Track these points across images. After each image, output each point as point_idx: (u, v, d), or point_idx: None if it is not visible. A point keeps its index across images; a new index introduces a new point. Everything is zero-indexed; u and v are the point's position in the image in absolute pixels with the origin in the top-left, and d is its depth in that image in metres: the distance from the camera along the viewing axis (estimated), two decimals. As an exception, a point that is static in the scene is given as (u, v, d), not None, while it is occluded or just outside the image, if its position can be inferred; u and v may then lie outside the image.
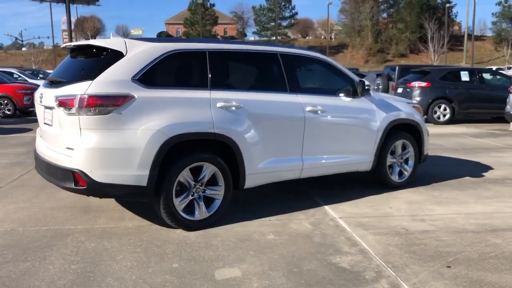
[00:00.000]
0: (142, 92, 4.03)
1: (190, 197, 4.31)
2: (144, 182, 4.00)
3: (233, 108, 4.45)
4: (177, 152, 4.18)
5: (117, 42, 4.18)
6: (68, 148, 4.04)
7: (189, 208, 4.33)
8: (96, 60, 4.17)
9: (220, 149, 4.42)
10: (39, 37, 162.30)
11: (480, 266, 3.56)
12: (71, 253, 3.79)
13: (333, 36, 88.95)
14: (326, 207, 5.10)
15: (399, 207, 5.13)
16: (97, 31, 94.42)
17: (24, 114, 15.97)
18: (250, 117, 4.54)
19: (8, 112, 15.30)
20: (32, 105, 15.68)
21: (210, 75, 4.43)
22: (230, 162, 4.49)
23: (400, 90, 14.65)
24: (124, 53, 4.10)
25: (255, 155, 4.59)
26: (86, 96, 3.85)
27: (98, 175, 3.90)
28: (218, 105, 4.36)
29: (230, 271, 3.48)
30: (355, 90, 5.36)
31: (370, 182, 5.97)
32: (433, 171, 6.87)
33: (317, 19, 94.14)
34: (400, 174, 5.98)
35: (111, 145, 3.91)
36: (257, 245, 3.98)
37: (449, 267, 3.56)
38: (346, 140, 5.34)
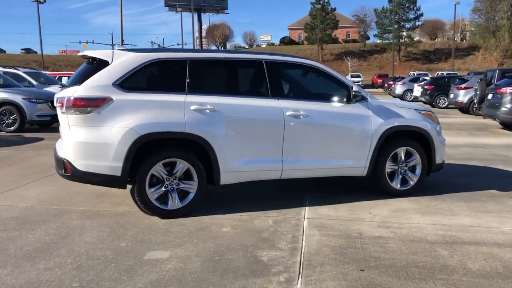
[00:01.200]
0: (121, 95, 4.69)
1: (163, 189, 4.86)
2: (118, 173, 4.65)
3: (207, 111, 4.91)
4: (150, 148, 4.77)
5: (106, 53, 4.91)
6: (63, 141, 4.87)
7: (164, 199, 4.89)
8: (90, 68, 4.94)
9: (193, 148, 4.91)
10: (177, 44, 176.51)
11: (394, 273, 3.58)
12: (55, 228, 4.59)
13: (467, 37, 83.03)
14: (306, 208, 5.30)
15: (379, 213, 5.13)
16: (226, 38, 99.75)
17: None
18: (225, 120, 4.96)
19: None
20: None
21: (188, 81, 4.95)
22: (205, 160, 4.95)
23: (490, 96, 13.64)
24: (110, 62, 4.81)
25: (230, 154, 5.00)
26: (72, 98, 4.63)
27: (80, 164, 4.66)
28: (192, 108, 4.85)
29: (160, 253, 3.97)
30: (348, 96, 5.45)
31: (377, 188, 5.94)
32: (459, 181, 6.60)
33: (449, 20, 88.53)
34: (405, 182, 5.88)
35: (91, 139, 4.64)
36: (206, 235, 4.40)
37: (362, 270, 3.64)
38: (333, 145, 5.46)
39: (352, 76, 53.19)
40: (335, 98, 5.51)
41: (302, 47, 79.42)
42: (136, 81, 4.83)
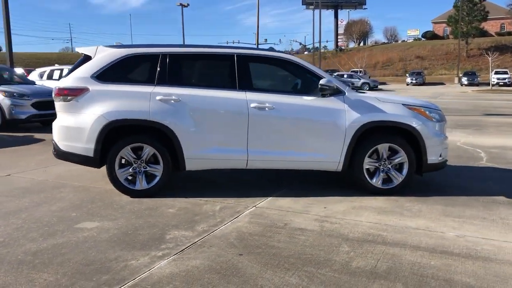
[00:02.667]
0: (96, 86, 5.37)
1: (131, 171, 5.43)
2: (91, 154, 5.34)
3: (172, 101, 5.34)
4: (120, 133, 5.36)
5: (91, 49, 5.62)
6: (56, 125, 5.72)
7: (133, 179, 5.46)
8: (80, 62, 5.69)
9: (159, 135, 5.38)
10: (327, 41, 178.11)
11: (267, 261, 3.63)
12: (41, 197, 5.44)
13: None
14: (269, 198, 5.42)
15: (334, 209, 5.04)
16: (364, 34, 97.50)
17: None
18: (189, 110, 5.35)
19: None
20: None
21: (158, 74, 5.44)
22: (170, 146, 5.39)
23: None
24: (92, 57, 5.52)
25: (194, 142, 5.36)
26: (57, 88, 5.45)
27: (62, 145, 5.46)
28: (157, 98, 5.33)
29: (91, 224, 4.53)
30: (323, 89, 5.40)
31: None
32: (472, 186, 6.10)
33: None
34: (388, 180, 5.62)
35: (70, 124, 5.39)
36: (148, 214, 4.84)
37: (240, 255, 3.76)
38: (302, 138, 5.47)
39: (497, 73, 48.21)
40: (307, 92, 5.51)
41: (445, 42, 74.11)
42: (111, 73, 5.45)
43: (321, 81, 5.35)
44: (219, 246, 3.92)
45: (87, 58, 5.55)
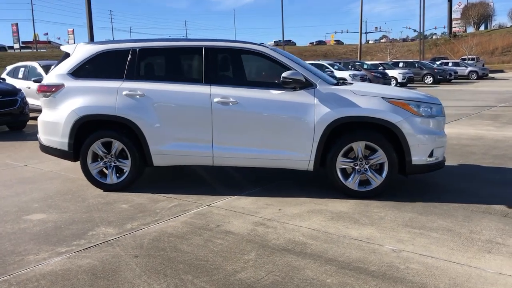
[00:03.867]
0: (71, 82, 5.55)
1: (102, 165, 5.54)
2: (66, 148, 5.54)
3: (137, 96, 5.34)
4: (91, 128, 5.49)
5: (70, 46, 5.82)
6: (45, 120, 6.01)
7: (104, 173, 5.58)
8: (60, 59, 5.90)
9: (126, 130, 5.42)
10: (435, 28, 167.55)
11: (149, 262, 3.48)
12: (25, 188, 5.78)
13: None
14: (232, 197, 5.19)
15: (287, 212, 4.67)
16: (484, 17, 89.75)
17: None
18: (153, 105, 5.30)
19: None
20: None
21: (126, 69, 5.46)
22: (137, 142, 5.41)
23: None
24: (71, 54, 5.71)
25: (160, 138, 5.32)
26: (38, 85, 5.73)
27: (43, 139, 5.73)
28: (124, 93, 5.36)
29: (39, 216, 4.69)
30: (286, 83, 5.03)
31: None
32: (466, 188, 5.33)
33: None
34: (367, 182, 5.07)
35: (48, 118, 5.64)
36: (100, 208, 4.90)
37: (136, 256, 3.63)
38: (268, 134, 5.14)
39: None
40: (276, 85, 5.16)
41: None
42: (85, 70, 5.59)
43: (283, 74, 4.96)
44: (125, 246, 3.83)
45: (67, 56, 5.74)
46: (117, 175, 5.52)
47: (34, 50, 70.70)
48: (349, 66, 27.87)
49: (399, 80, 28.95)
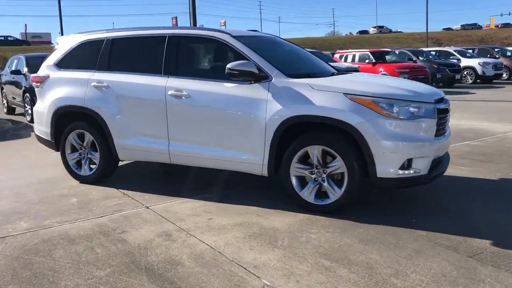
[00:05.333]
0: (55, 73, 5.64)
1: (77, 156, 5.55)
2: (49, 137, 5.67)
3: (103, 88, 5.21)
4: (68, 119, 5.52)
5: (62, 38, 5.89)
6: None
7: (79, 165, 5.58)
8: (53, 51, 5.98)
9: (94, 122, 5.33)
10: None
11: None
12: (29, 172, 6.09)
13: None
14: (176, 200, 4.78)
15: (218, 223, 4.12)
16: None
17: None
18: (115, 96, 5.12)
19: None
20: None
21: (98, 60, 5.36)
22: (105, 135, 5.30)
23: None
24: (58, 45, 5.80)
25: (123, 131, 5.13)
26: (32, 76, 5.94)
27: (36, 129, 5.94)
28: (92, 84, 5.27)
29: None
30: (232, 75, 4.41)
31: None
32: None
33: None
34: (325, 194, 4.26)
35: (37, 108, 5.81)
36: (49, 201, 4.85)
37: None
38: (220, 132, 4.59)
39: None
40: (229, 77, 4.57)
41: None
42: (67, 60, 5.62)
43: (228, 65, 4.33)
44: (10, 244, 3.73)
45: (56, 47, 5.84)
46: (91, 167, 5.46)
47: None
48: (488, 54, 24.51)
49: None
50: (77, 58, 5.58)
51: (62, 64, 5.61)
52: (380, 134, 3.92)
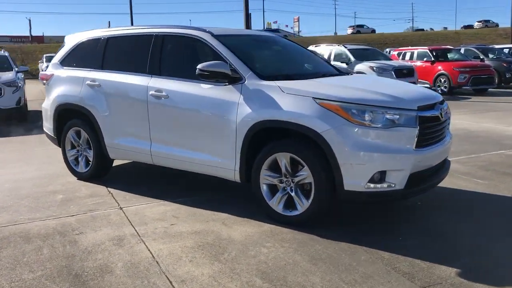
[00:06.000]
0: (58, 71, 5.77)
1: (75, 153, 5.64)
2: (53, 134, 5.83)
3: (96, 86, 5.24)
4: (68, 116, 5.62)
5: (68, 36, 6.00)
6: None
7: (78, 161, 5.68)
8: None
9: (88, 120, 5.39)
10: None
11: None
12: (43, 166, 6.31)
13: None
14: (153, 203, 4.69)
15: (174, 229, 3.97)
16: None
17: (454, 93, 15.87)
18: (106, 95, 5.14)
19: (444, 90, 15.86)
20: (467, 83, 15.52)
21: (94, 58, 5.40)
22: (97, 133, 5.33)
23: None
24: (65, 44, 5.93)
25: (112, 130, 5.13)
26: (41, 73, 6.13)
27: (44, 125, 6.12)
28: (87, 83, 5.33)
29: (-15, 196, 5.07)
30: (202, 75, 4.22)
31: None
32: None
33: None
34: (294, 205, 3.99)
35: (44, 105, 5.97)
36: (44, 195, 4.98)
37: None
38: (194, 134, 4.44)
39: None
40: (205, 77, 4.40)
41: None
42: (70, 58, 5.72)
43: (198, 65, 4.15)
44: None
45: (64, 45, 5.97)
46: (89, 164, 5.52)
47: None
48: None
49: None
50: (77, 57, 5.66)
51: (65, 62, 5.72)
52: (347, 143, 3.57)
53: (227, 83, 4.18)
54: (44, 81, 5.92)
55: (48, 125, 5.84)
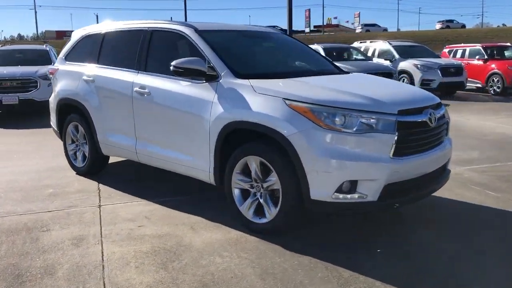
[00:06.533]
0: (62, 66, 5.81)
1: (74, 148, 5.67)
2: (56, 127, 5.90)
3: (90, 82, 5.22)
4: (68, 110, 5.65)
5: (74, 31, 6.03)
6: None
7: (77, 156, 5.70)
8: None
9: (83, 115, 5.37)
10: None
11: None
12: (52, 159, 6.43)
13: None
14: (135, 202, 4.59)
15: (140, 232, 3.84)
16: None
17: (509, 94, 14.75)
18: (98, 91, 5.10)
19: (497, 90, 14.84)
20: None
21: (92, 53, 5.39)
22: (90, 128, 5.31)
23: None
24: (71, 38, 5.97)
25: (103, 126, 5.10)
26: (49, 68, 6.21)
27: (50, 119, 6.20)
28: (83, 78, 5.32)
29: (-18, 187, 5.18)
30: (177, 72, 4.04)
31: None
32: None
33: None
34: (262, 211, 3.75)
35: (50, 99, 6.05)
36: (34, 189, 5.03)
37: None
38: (172, 132, 4.29)
39: None
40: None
41: None
42: (72, 54, 5.74)
43: (173, 62, 3.98)
44: None
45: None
46: (85, 159, 5.53)
47: (321, 33, 75.12)
48: None
49: None
50: (79, 52, 5.66)
51: (68, 57, 5.75)
52: (314, 148, 3.27)
53: (204, 81, 3.98)
54: (51, 76, 5.98)
55: (52, 118, 5.90)
